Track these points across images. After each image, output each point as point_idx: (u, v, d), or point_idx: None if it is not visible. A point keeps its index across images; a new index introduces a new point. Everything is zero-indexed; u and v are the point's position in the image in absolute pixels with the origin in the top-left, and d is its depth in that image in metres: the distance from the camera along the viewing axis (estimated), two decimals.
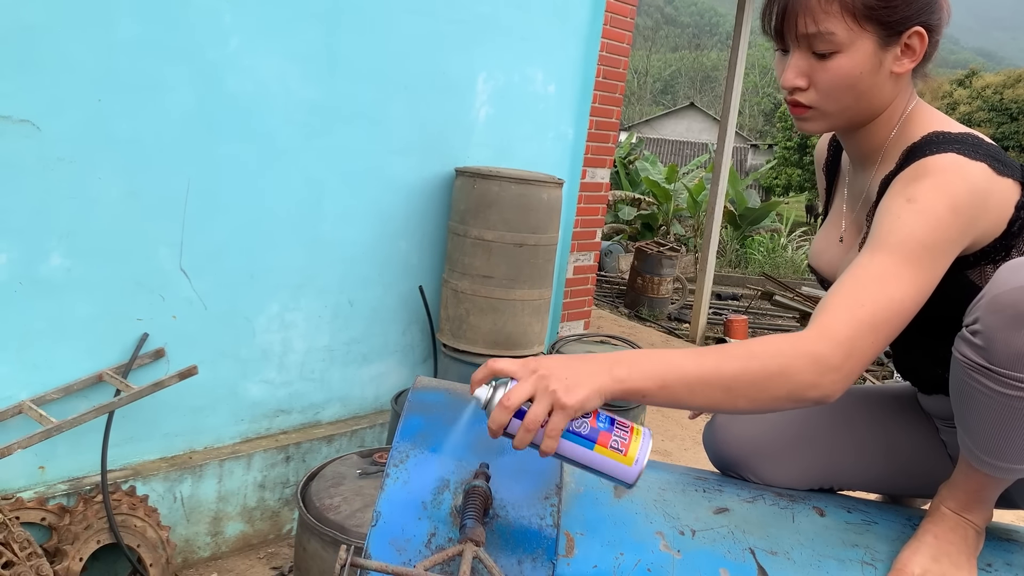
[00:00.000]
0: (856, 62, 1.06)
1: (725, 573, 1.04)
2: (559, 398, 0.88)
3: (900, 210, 1.00)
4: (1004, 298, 0.93)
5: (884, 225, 1.01)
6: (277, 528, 2.75)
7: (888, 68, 1.08)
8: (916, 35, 1.06)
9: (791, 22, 1.07)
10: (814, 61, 1.08)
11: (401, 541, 0.95)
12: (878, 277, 0.97)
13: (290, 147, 2.58)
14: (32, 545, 1.95)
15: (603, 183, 4.02)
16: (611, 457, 0.92)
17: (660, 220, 12.57)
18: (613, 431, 0.93)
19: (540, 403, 0.88)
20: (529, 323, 2.90)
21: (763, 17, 1.13)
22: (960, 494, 1.11)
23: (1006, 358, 0.94)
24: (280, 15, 2.47)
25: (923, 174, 1.01)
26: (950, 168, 1.00)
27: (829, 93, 1.09)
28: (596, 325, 5.96)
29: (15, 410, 2.10)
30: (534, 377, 0.89)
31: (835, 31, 1.04)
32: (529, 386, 0.88)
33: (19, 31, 1.98)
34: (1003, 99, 16.75)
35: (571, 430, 0.92)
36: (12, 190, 2.04)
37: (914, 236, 0.98)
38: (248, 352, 2.62)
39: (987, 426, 0.99)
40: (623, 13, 3.86)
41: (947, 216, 0.98)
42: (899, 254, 0.98)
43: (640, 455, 0.93)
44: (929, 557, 1.08)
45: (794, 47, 1.09)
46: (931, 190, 0.99)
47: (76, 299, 2.20)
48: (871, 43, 1.06)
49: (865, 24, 1.04)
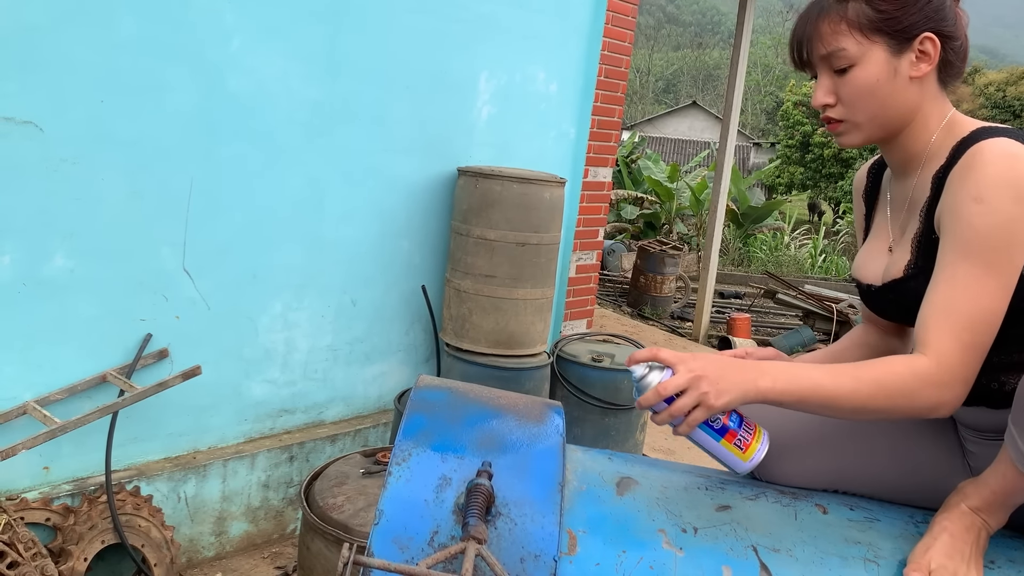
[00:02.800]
0: (871, 71, 1.14)
1: (728, 570, 1.05)
2: (707, 399, 0.99)
3: (970, 214, 1.04)
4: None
5: (959, 232, 1.06)
6: (281, 527, 2.75)
7: (906, 73, 1.15)
8: (928, 40, 1.13)
9: (809, 49, 1.18)
10: (836, 78, 1.17)
11: (404, 539, 0.96)
12: (969, 292, 1.04)
13: (292, 147, 2.59)
14: (37, 545, 1.96)
15: (605, 182, 4.02)
16: (732, 452, 1.07)
17: (663, 219, 12.55)
18: (740, 430, 1.07)
19: (689, 397, 1.00)
20: (532, 322, 2.90)
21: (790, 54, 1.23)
22: (987, 493, 1.10)
23: None
24: (282, 15, 2.47)
25: (980, 162, 1.05)
26: (1006, 153, 1.04)
27: (853, 104, 1.17)
28: (599, 324, 5.95)
29: (19, 411, 2.10)
30: (690, 375, 1.00)
31: (846, 46, 1.14)
32: (684, 380, 1.00)
33: (22, 33, 1.98)
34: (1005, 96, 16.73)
35: (706, 422, 1.05)
36: (15, 191, 2.04)
37: (990, 241, 1.03)
38: (251, 352, 2.63)
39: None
40: (625, 12, 3.86)
41: (1015, 209, 1.03)
42: (982, 263, 1.04)
43: (757, 455, 1.07)
44: (943, 553, 1.08)
45: (819, 70, 1.19)
46: (994, 185, 1.03)
47: (79, 300, 2.20)
48: (883, 52, 1.14)
49: (873, 36, 1.13)
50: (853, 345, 1.43)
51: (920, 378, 1.03)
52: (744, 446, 1.07)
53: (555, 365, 3.08)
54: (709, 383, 1.00)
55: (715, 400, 1.00)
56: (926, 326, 1.07)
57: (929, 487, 1.32)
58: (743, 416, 1.09)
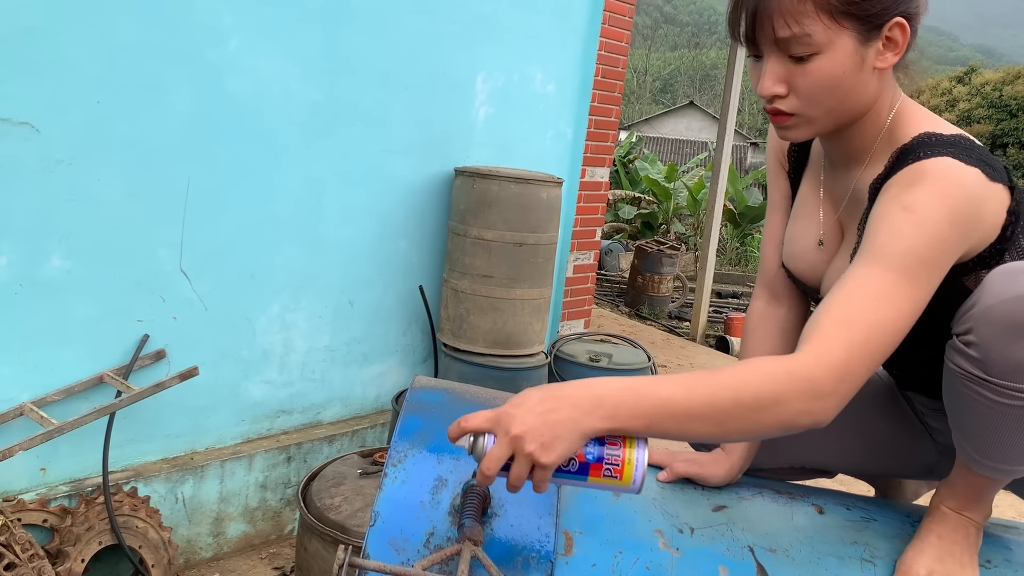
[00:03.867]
0: (837, 62, 0.99)
1: (724, 571, 1.05)
2: (538, 459, 0.83)
3: (897, 220, 0.95)
4: (998, 310, 0.92)
5: (880, 237, 0.96)
6: (279, 528, 2.75)
7: (871, 64, 1.01)
8: (897, 26, 1.00)
9: (763, 26, 0.99)
10: (791, 65, 1.00)
11: (400, 541, 0.96)
12: (874, 295, 0.92)
13: (290, 147, 2.59)
14: (34, 547, 1.95)
15: (603, 182, 4.02)
16: (607, 483, 0.90)
17: (660, 219, 12.56)
18: (604, 456, 0.89)
19: (519, 464, 0.84)
20: (529, 322, 2.90)
21: (730, 22, 1.05)
22: (959, 494, 1.11)
23: (1004, 370, 0.93)
24: (280, 15, 2.47)
25: (919, 179, 0.96)
26: (947, 174, 0.95)
27: (811, 98, 1.02)
28: (597, 324, 5.96)
29: (16, 412, 2.10)
30: (509, 439, 0.84)
31: (812, 32, 0.97)
32: (505, 449, 0.84)
33: (19, 34, 1.98)
34: (1002, 96, 16.74)
35: (560, 470, 0.88)
36: (13, 192, 2.04)
37: (912, 250, 0.93)
38: (249, 353, 2.62)
39: (986, 432, 0.99)
40: (622, 12, 3.86)
41: (945, 227, 0.94)
42: (897, 270, 0.93)
43: (637, 473, 0.89)
44: (934, 558, 1.08)
45: (768, 52, 1.02)
46: (929, 199, 0.94)
47: (77, 301, 2.20)
48: (851, 40, 0.99)
49: (843, 21, 0.97)
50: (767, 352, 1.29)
51: (793, 374, 0.89)
52: (617, 471, 0.89)
53: (553, 365, 3.08)
54: (532, 439, 0.83)
55: (545, 457, 0.83)
56: (817, 323, 0.93)
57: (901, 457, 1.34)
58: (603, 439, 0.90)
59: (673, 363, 5.40)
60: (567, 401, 0.86)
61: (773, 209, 1.35)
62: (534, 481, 0.86)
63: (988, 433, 0.99)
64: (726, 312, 7.50)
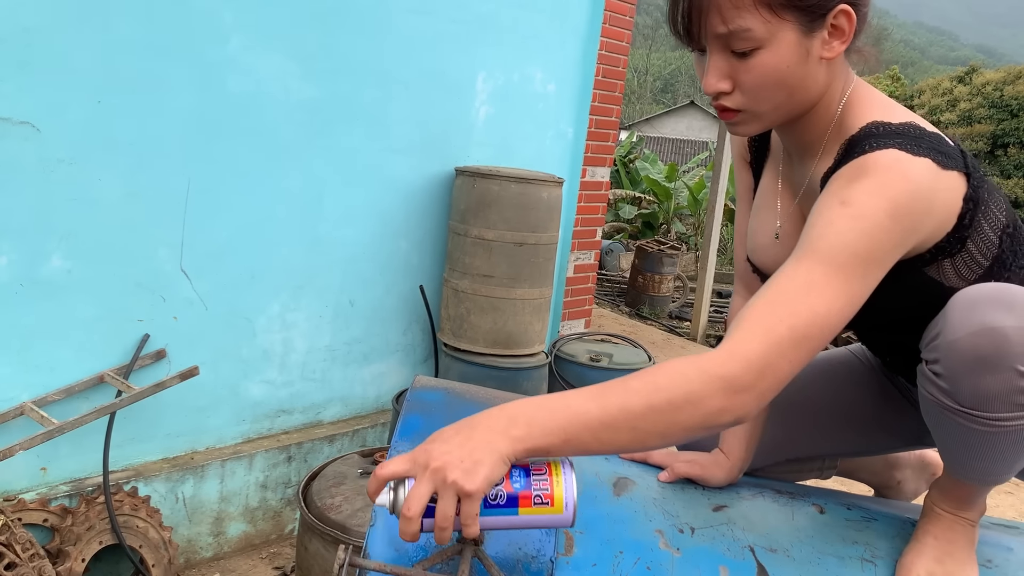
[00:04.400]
0: (780, 56, 0.95)
1: (725, 571, 1.05)
2: (462, 487, 0.78)
3: (833, 214, 0.92)
4: (962, 344, 0.91)
5: (815, 229, 0.92)
6: (279, 528, 2.75)
7: (817, 54, 0.97)
8: (842, 14, 0.95)
9: (700, 22, 0.95)
10: (734, 61, 0.97)
11: (400, 541, 0.96)
12: (802, 289, 0.89)
13: (290, 147, 2.58)
14: (34, 546, 1.95)
15: (603, 182, 4.02)
16: (539, 513, 0.85)
17: (661, 218, 12.56)
18: (531, 484, 0.85)
19: (445, 498, 0.79)
20: (530, 322, 2.90)
21: (669, 18, 1.00)
22: (951, 498, 1.11)
23: (974, 400, 0.92)
24: (280, 15, 2.47)
25: (861, 173, 0.93)
26: (891, 167, 0.91)
27: (756, 93, 0.98)
28: (597, 324, 5.96)
29: (16, 411, 2.10)
30: (428, 473, 0.79)
31: (751, 26, 0.93)
32: (427, 484, 0.79)
33: (19, 33, 1.98)
34: (1003, 96, 16.73)
35: (488, 504, 0.84)
36: (12, 192, 2.04)
37: (846, 244, 0.89)
38: (249, 352, 2.62)
39: (966, 453, 1.00)
40: (622, 12, 3.86)
41: (885, 222, 0.90)
42: (829, 263, 0.89)
43: (567, 497, 0.85)
44: (932, 559, 1.08)
45: (710, 48, 0.98)
46: (869, 193, 0.91)
47: (77, 300, 2.20)
48: (793, 32, 0.94)
49: (783, 13, 0.93)
50: None
51: (707, 376, 0.85)
52: (546, 497, 0.84)
53: (553, 365, 3.08)
54: (453, 468, 0.78)
55: (470, 483, 0.78)
56: (740, 318, 0.90)
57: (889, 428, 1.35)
58: (526, 466, 0.86)
59: None
60: (481, 426, 0.83)
61: (739, 202, 1.33)
62: (462, 519, 0.79)
63: (967, 453, 1.00)
64: (727, 312, 7.50)
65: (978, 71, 18.30)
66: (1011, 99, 16.60)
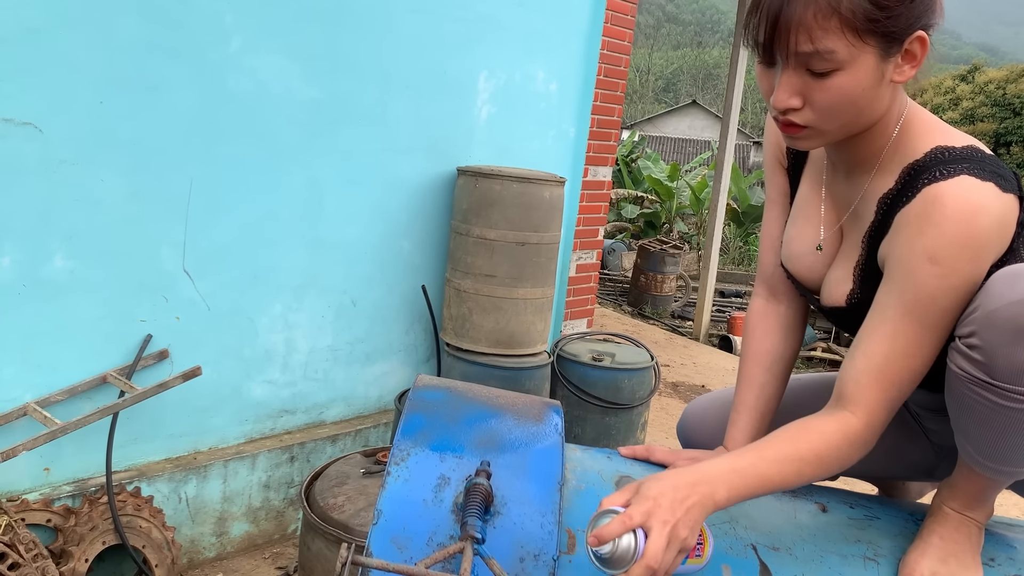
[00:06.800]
0: (858, 79, 0.97)
1: (727, 569, 1.05)
2: (688, 543, 0.90)
3: (925, 274, 0.98)
4: (1002, 313, 0.91)
5: (909, 288, 1.00)
6: (282, 528, 2.75)
7: (889, 78, 0.99)
8: (918, 40, 0.97)
9: (784, 39, 0.96)
10: (809, 79, 0.98)
11: (402, 539, 0.96)
12: (908, 353, 1.01)
13: (292, 147, 2.59)
14: (38, 546, 1.96)
15: (605, 181, 4.01)
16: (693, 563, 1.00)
17: (663, 218, 12.56)
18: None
19: (672, 551, 0.88)
20: (532, 322, 2.90)
21: (747, 27, 1.01)
22: (962, 495, 1.11)
23: (1009, 373, 0.92)
24: (281, 15, 2.47)
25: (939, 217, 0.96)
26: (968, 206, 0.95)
27: (828, 112, 1.00)
28: (599, 323, 5.96)
29: (20, 412, 2.11)
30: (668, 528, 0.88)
31: (835, 48, 0.94)
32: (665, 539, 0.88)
33: (21, 34, 1.98)
34: (1006, 94, 16.68)
35: None
36: (15, 192, 2.04)
37: (939, 304, 0.98)
38: (252, 352, 2.63)
39: (989, 435, 0.99)
40: (624, 11, 3.85)
41: (970, 270, 0.97)
42: (926, 324, 0.99)
43: (710, 552, 1.00)
44: (937, 559, 1.08)
45: (786, 64, 0.98)
46: (954, 245, 0.96)
47: (79, 301, 2.20)
48: (873, 56, 0.96)
49: (867, 38, 0.94)
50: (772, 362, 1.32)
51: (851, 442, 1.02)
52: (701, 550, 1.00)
53: (555, 365, 3.08)
54: (684, 525, 0.90)
55: (692, 539, 0.91)
56: (859, 384, 1.03)
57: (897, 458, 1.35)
58: None
59: (676, 362, 5.40)
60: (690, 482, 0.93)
61: (771, 206, 1.34)
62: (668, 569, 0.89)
63: (990, 436, 0.98)
64: (729, 311, 7.49)
65: (981, 69, 18.26)
66: (1014, 97, 16.56)
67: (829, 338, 6.92)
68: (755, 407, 1.29)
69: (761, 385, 1.30)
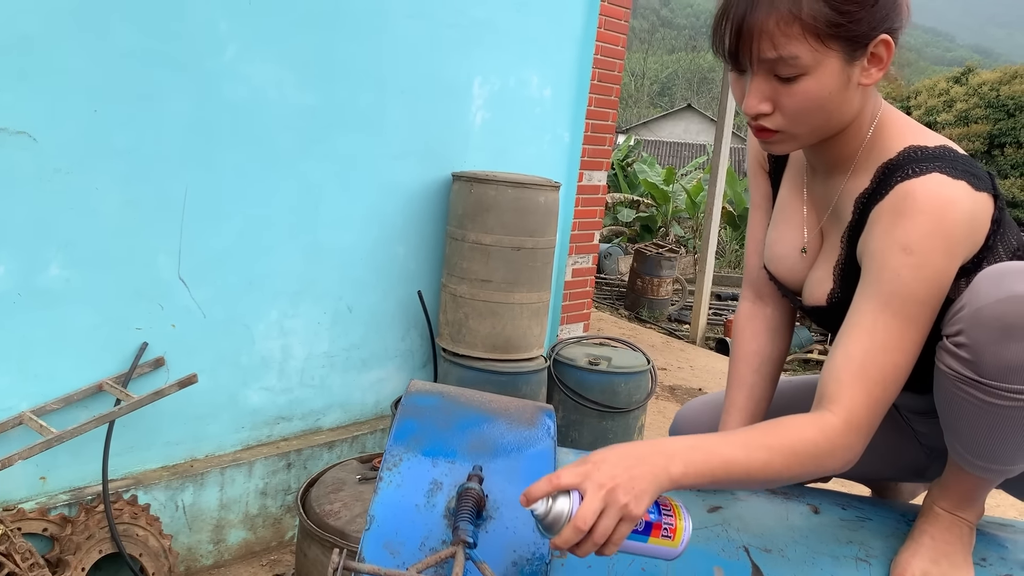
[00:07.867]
0: (824, 83, 0.99)
1: (719, 571, 1.05)
2: (629, 510, 0.85)
3: (898, 264, 0.98)
4: (988, 311, 0.93)
5: (884, 281, 1.00)
6: (279, 535, 2.75)
7: (856, 81, 1.02)
8: (883, 44, 1.00)
9: (749, 46, 0.99)
10: (777, 85, 1.01)
11: (395, 544, 0.96)
12: (888, 347, 0.99)
13: (287, 153, 2.59)
14: (34, 556, 1.96)
15: (600, 185, 4.02)
16: (662, 544, 0.93)
17: (659, 222, 12.57)
18: (662, 517, 0.93)
19: (609, 516, 0.85)
20: (528, 326, 2.90)
21: (714, 37, 1.04)
22: (952, 495, 1.11)
23: (996, 371, 0.93)
24: (276, 22, 2.48)
25: (912, 209, 0.98)
26: (940, 199, 0.97)
27: (797, 117, 1.03)
28: (596, 327, 5.96)
29: (15, 421, 2.10)
30: (602, 491, 0.85)
31: (799, 54, 0.97)
32: (598, 501, 0.85)
33: (16, 42, 1.99)
34: (1000, 96, 16.72)
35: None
36: (10, 201, 2.05)
37: (913, 294, 0.98)
38: (248, 359, 2.63)
39: (978, 433, 1.00)
40: (617, 16, 3.87)
41: (944, 262, 0.98)
42: (904, 317, 0.99)
43: (685, 535, 0.94)
44: (928, 559, 1.08)
45: (754, 71, 1.01)
46: (926, 236, 0.97)
47: (75, 309, 2.20)
48: (837, 60, 0.99)
49: (830, 43, 0.97)
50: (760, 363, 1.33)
51: (830, 440, 0.98)
52: (671, 532, 0.93)
53: (552, 369, 3.09)
54: (624, 490, 0.85)
55: (636, 508, 0.85)
56: (839, 381, 1.00)
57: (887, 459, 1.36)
58: (658, 501, 0.95)
59: (673, 366, 5.41)
60: (644, 455, 0.90)
61: (755, 210, 1.37)
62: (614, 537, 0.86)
63: (979, 433, 0.99)
64: (725, 314, 7.50)
65: (974, 71, 18.31)
66: (1008, 99, 16.61)
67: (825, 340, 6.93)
68: (745, 408, 1.31)
69: (750, 386, 1.31)
